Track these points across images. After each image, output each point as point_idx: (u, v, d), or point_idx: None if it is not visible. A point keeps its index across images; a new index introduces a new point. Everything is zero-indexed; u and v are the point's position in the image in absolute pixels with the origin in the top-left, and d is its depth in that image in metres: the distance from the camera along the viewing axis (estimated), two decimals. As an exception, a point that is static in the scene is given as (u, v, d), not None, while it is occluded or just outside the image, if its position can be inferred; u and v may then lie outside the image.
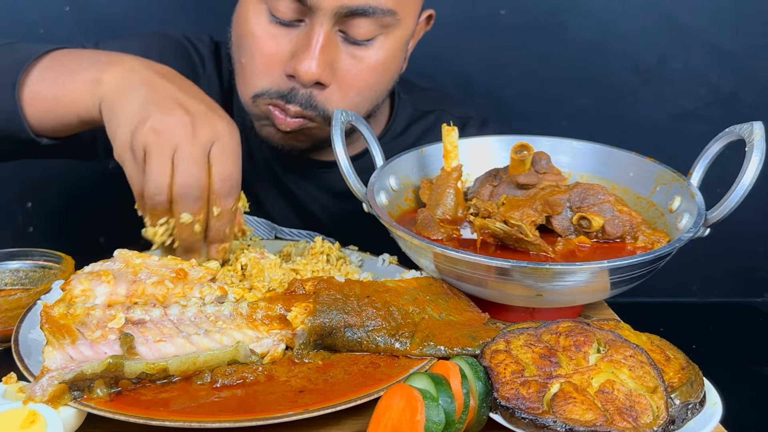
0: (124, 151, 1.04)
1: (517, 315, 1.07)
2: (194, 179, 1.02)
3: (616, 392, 0.81)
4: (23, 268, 1.13)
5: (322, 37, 1.21)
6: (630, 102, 2.12)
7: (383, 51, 1.29)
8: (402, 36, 1.31)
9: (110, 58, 1.15)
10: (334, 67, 1.26)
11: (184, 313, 0.93)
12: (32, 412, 0.79)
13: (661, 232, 1.11)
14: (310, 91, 1.26)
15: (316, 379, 0.89)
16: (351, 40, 1.25)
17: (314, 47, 1.21)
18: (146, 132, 1.02)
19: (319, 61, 1.22)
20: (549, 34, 2.07)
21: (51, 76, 1.17)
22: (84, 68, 1.14)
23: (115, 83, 1.09)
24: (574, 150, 1.27)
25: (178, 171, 1.02)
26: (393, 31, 1.28)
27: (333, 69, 1.26)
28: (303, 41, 1.23)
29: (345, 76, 1.27)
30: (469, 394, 0.82)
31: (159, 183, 1.01)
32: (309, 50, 1.22)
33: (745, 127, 1.05)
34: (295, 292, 0.99)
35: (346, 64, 1.27)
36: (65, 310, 0.89)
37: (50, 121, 1.19)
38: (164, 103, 1.04)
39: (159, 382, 0.87)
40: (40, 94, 1.17)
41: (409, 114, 1.57)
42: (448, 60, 2.03)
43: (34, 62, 1.19)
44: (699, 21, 2.05)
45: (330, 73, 1.25)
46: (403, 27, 1.30)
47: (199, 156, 1.03)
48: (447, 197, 1.19)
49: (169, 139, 1.02)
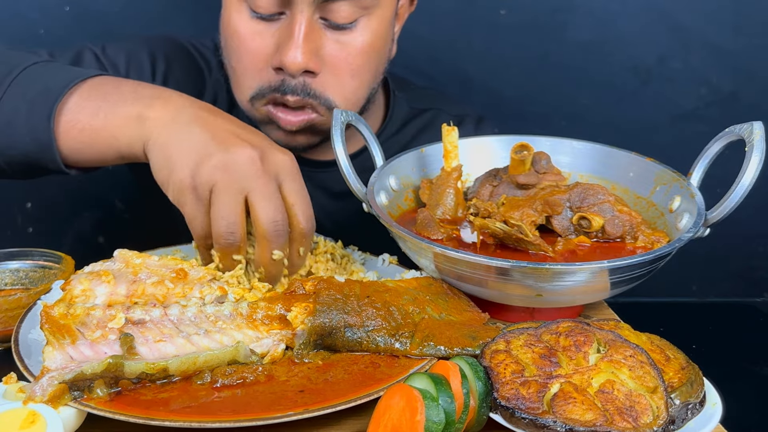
0: (185, 193, 1.00)
1: (517, 315, 1.07)
2: (279, 214, 1.01)
3: (616, 392, 0.81)
4: (23, 268, 1.13)
5: (304, 25, 1.21)
6: (630, 102, 2.12)
7: (369, 32, 1.28)
8: (385, 16, 1.31)
9: (154, 92, 1.11)
10: (321, 54, 1.25)
11: (184, 313, 0.93)
12: (32, 412, 0.79)
13: (661, 232, 1.11)
14: (303, 80, 1.26)
15: (316, 379, 0.89)
16: (334, 26, 1.25)
17: (297, 36, 1.21)
18: (211, 170, 0.98)
19: (304, 50, 1.21)
20: (549, 34, 2.07)
21: (90, 106, 1.10)
22: (127, 101, 1.09)
23: (164, 123, 1.05)
24: (574, 150, 1.27)
25: (260, 207, 1.00)
26: (374, 11, 1.28)
27: (321, 56, 1.25)
28: (285, 32, 1.23)
29: (335, 63, 1.27)
30: (469, 394, 0.82)
31: (232, 221, 0.99)
32: (292, 40, 1.21)
33: (745, 127, 1.05)
34: (295, 292, 0.99)
35: (333, 50, 1.26)
36: (65, 310, 0.89)
37: (86, 154, 1.12)
38: (226, 140, 1.01)
39: (159, 382, 0.87)
40: (78, 125, 1.10)
41: (404, 112, 1.57)
42: (448, 60, 2.03)
43: (72, 89, 1.11)
44: (699, 21, 2.05)
45: (318, 61, 1.25)
46: (383, 6, 1.29)
47: (275, 190, 1.01)
48: (447, 197, 1.19)
49: (239, 176, 0.99)
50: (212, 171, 0.99)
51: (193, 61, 1.52)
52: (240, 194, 1.00)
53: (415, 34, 1.91)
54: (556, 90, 2.11)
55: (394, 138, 1.54)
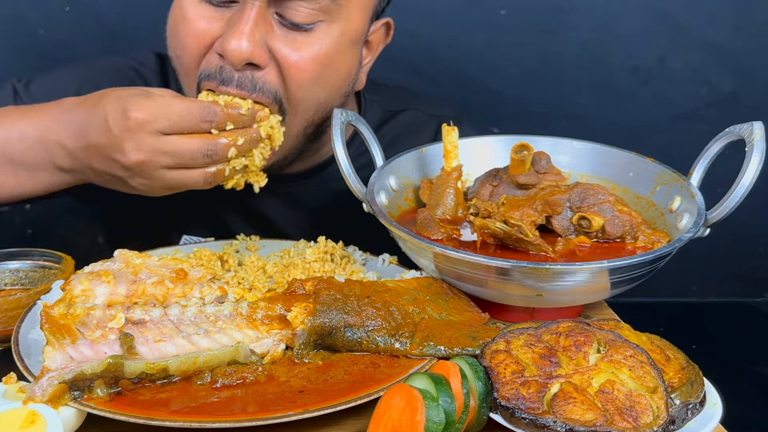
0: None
1: (517, 315, 1.07)
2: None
3: (616, 392, 0.81)
4: (23, 268, 1.13)
5: (254, 13, 1.14)
6: (630, 102, 2.12)
7: (327, 41, 1.20)
8: (348, 31, 1.23)
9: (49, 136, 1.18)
10: (272, 49, 1.18)
11: (184, 313, 0.93)
12: (32, 412, 0.79)
13: (661, 232, 1.11)
14: (252, 74, 1.17)
15: (316, 379, 0.89)
16: (289, 25, 1.17)
17: (245, 24, 1.14)
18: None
19: (249, 38, 1.14)
20: (549, 34, 2.07)
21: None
22: (36, 162, 1.19)
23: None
24: (574, 150, 1.27)
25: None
26: (336, 20, 1.20)
27: (271, 52, 1.18)
28: (234, 19, 1.16)
29: (285, 61, 1.18)
30: (469, 394, 0.82)
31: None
32: (239, 26, 1.14)
33: (745, 127, 1.05)
34: (295, 292, 0.99)
35: (285, 49, 1.18)
36: (65, 310, 0.89)
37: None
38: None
39: (159, 383, 0.87)
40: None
41: (378, 115, 1.50)
42: (448, 60, 2.03)
43: None
44: (699, 21, 2.05)
45: (265, 54, 1.17)
46: (347, 19, 1.22)
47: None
48: (447, 197, 1.19)
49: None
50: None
51: (130, 82, 1.46)
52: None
53: (415, 34, 1.91)
54: (556, 90, 2.11)
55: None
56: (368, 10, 1.27)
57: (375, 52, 1.39)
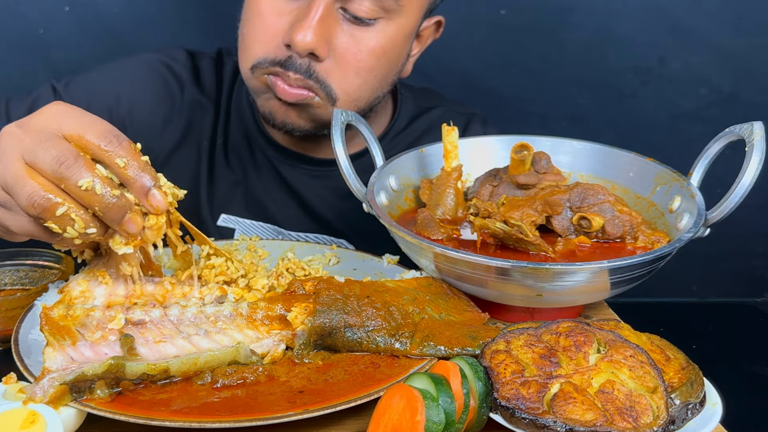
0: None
1: (517, 315, 1.07)
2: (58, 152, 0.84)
3: (616, 392, 0.81)
4: (23, 268, 1.13)
5: (321, 8, 1.23)
6: (630, 102, 2.13)
7: (384, 36, 1.30)
8: (404, 26, 1.32)
9: None
10: (332, 43, 1.27)
11: (184, 313, 0.93)
12: (32, 412, 0.79)
13: (661, 232, 1.11)
14: (309, 62, 1.27)
15: (316, 380, 0.89)
16: (352, 19, 1.27)
17: (312, 17, 1.23)
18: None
19: (315, 31, 1.23)
20: (549, 34, 2.07)
21: None
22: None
23: None
24: (574, 150, 1.27)
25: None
26: (396, 17, 1.29)
27: (331, 45, 1.27)
28: (302, 13, 1.25)
29: (344, 54, 1.28)
30: (469, 394, 0.82)
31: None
32: (306, 20, 1.23)
33: (745, 127, 1.05)
34: (295, 292, 0.99)
35: (345, 42, 1.28)
36: (65, 312, 0.89)
37: None
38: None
39: (159, 383, 0.86)
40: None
41: (411, 110, 1.58)
42: (448, 60, 2.03)
43: None
44: (699, 21, 2.05)
45: (326, 47, 1.26)
46: (405, 16, 1.31)
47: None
48: (447, 197, 1.19)
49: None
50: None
51: (165, 82, 1.51)
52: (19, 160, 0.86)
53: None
54: (556, 90, 2.12)
55: (402, 135, 1.54)
56: (424, 7, 1.37)
57: (424, 44, 1.48)
